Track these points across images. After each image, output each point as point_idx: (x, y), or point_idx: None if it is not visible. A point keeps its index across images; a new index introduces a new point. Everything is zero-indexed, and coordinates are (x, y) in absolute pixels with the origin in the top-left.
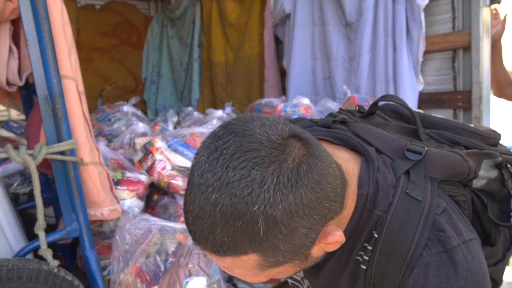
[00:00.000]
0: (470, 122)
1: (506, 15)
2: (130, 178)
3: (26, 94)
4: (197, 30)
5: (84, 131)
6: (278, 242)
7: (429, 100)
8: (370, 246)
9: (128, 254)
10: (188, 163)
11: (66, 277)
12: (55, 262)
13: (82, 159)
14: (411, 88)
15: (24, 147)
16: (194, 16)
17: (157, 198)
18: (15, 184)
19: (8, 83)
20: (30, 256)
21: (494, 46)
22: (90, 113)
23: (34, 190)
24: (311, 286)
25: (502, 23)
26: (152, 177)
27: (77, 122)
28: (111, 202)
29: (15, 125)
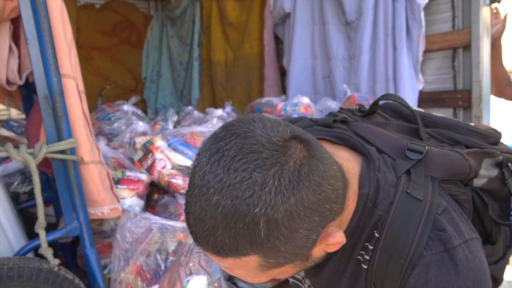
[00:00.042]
0: (470, 121)
1: (506, 14)
2: (130, 177)
3: (26, 93)
4: (197, 29)
5: (84, 130)
6: (279, 243)
7: (429, 99)
8: (371, 246)
9: (128, 252)
10: (188, 162)
11: (67, 275)
12: (56, 261)
13: (82, 158)
14: (411, 87)
15: (24, 146)
16: (194, 15)
17: (157, 197)
18: (16, 183)
19: (8, 82)
20: (30, 255)
21: (494, 45)
22: (90, 112)
23: (35, 188)
24: (312, 286)
25: (502, 22)
26: (152, 176)
27: (77, 121)
28: (112, 201)
29: (15, 124)
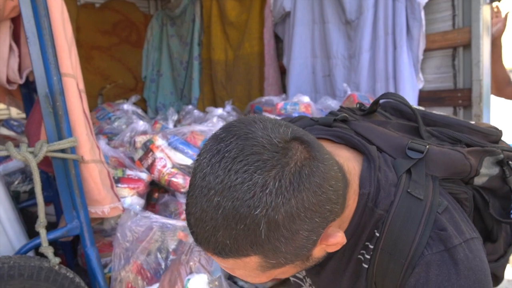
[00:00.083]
0: (470, 120)
1: (507, 13)
2: (130, 176)
3: (27, 92)
4: (197, 28)
5: (84, 129)
6: (279, 244)
7: (429, 98)
8: (372, 245)
9: (129, 251)
10: (188, 161)
11: (67, 274)
12: (56, 260)
13: (82, 157)
14: (411, 86)
15: (25, 145)
16: (194, 14)
17: (157, 196)
18: (16, 182)
19: (8, 81)
20: (31, 253)
21: (494, 44)
22: (90, 111)
23: (35, 187)
24: (313, 285)
25: (503, 21)
26: (152, 175)
27: (77, 120)
28: (112, 200)
29: (16, 123)
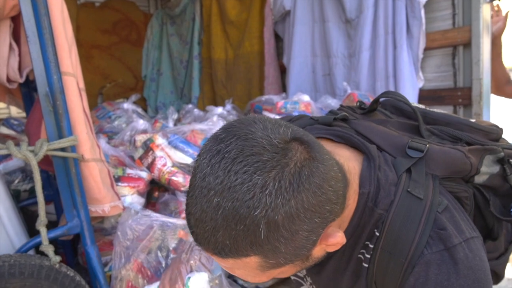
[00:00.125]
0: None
1: (508, 12)
2: (130, 175)
3: (27, 91)
4: (197, 27)
5: (84, 128)
6: (279, 245)
7: (429, 96)
8: (372, 245)
9: (129, 250)
10: (188, 160)
11: (68, 272)
12: (57, 258)
13: (83, 156)
14: (411, 85)
15: (25, 144)
16: (194, 13)
17: (157, 195)
18: (16, 181)
19: (8, 80)
20: (32, 252)
21: (494, 43)
22: (90, 110)
23: (36, 185)
24: (314, 284)
25: (503, 20)
26: (152, 173)
27: (77, 118)
28: (112, 198)
29: (16, 122)
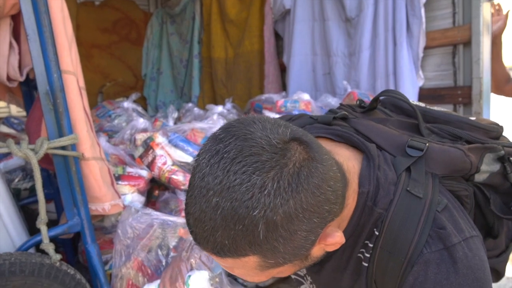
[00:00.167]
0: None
1: (508, 11)
2: (131, 173)
3: (27, 90)
4: (197, 26)
5: (85, 126)
6: (278, 245)
7: (429, 95)
8: (371, 244)
9: (129, 248)
10: (188, 158)
11: (68, 270)
12: (57, 256)
13: (83, 154)
14: (411, 83)
15: (25, 142)
16: (194, 12)
17: (157, 194)
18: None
19: (8, 79)
20: (32, 250)
21: (494, 42)
22: (90, 109)
23: (36, 184)
24: (314, 283)
25: (504, 19)
26: (153, 172)
27: (78, 117)
28: (112, 197)
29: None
